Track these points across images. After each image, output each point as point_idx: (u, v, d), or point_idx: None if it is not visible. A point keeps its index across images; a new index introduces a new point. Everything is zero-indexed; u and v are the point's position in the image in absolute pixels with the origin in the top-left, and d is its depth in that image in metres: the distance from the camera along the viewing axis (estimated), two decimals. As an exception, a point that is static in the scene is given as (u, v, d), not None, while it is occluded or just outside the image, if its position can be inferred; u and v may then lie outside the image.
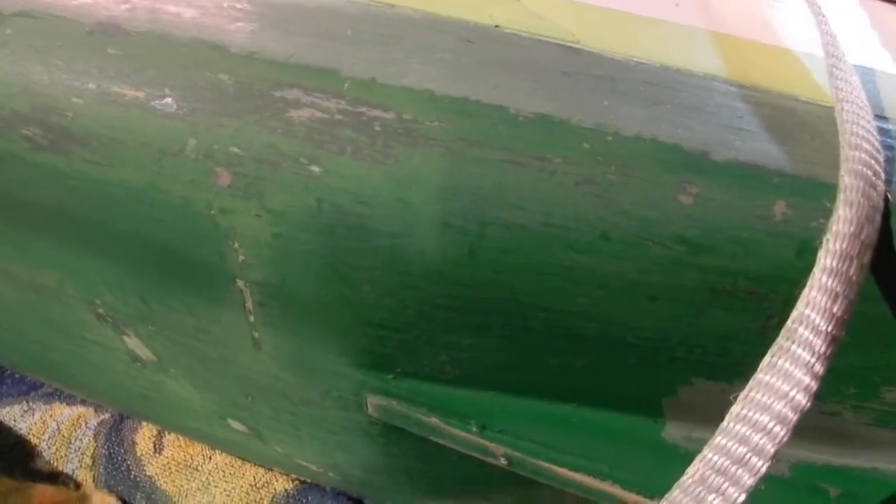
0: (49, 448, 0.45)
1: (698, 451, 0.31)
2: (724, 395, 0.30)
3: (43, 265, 0.38)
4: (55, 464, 0.45)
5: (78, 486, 0.44)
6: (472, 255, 0.30)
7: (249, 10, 0.33)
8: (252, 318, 0.34)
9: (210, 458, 0.43)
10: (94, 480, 0.45)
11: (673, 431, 0.33)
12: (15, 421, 0.46)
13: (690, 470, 0.24)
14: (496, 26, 0.33)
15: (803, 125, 0.30)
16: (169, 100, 0.31)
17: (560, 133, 0.29)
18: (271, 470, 0.43)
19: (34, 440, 0.45)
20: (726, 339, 0.31)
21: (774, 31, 0.35)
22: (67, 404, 0.46)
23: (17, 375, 0.48)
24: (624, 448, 0.33)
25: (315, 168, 0.30)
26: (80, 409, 0.46)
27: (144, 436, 0.45)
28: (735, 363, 0.31)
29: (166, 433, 0.45)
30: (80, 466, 0.45)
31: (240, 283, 0.33)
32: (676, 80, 0.31)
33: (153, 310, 0.36)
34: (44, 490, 0.43)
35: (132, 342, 0.38)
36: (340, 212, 0.30)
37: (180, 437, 0.45)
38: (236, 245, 0.32)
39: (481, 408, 0.34)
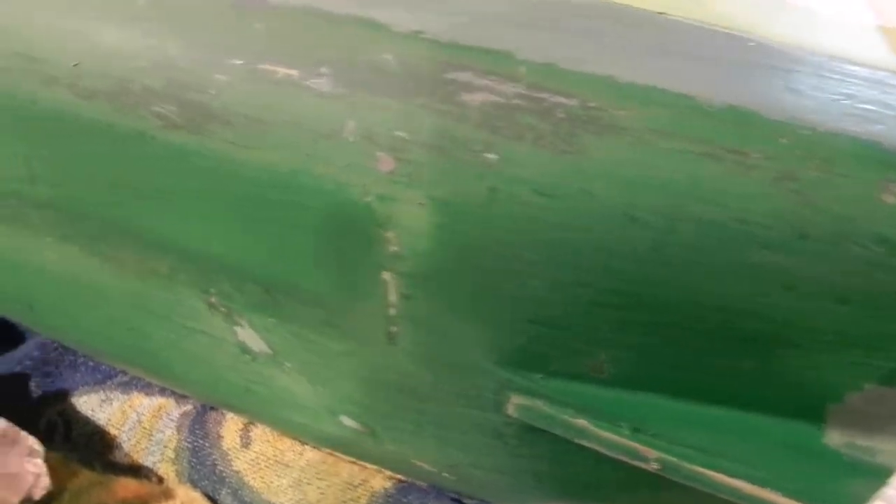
0: (129, 440, 0.43)
1: (862, 459, 0.30)
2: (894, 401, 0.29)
3: (155, 251, 0.35)
4: (135, 456, 0.43)
5: (160, 479, 0.42)
6: (656, 251, 0.28)
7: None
8: (392, 311, 0.32)
9: (301, 453, 0.42)
10: (176, 474, 0.42)
11: (835, 438, 0.32)
12: (93, 411, 0.43)
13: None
14: (660, 13, 0.31)
15: None
16: (325, 79, 0.30)
17: (756, 126, 0.28)
18: (366, 467, 0.41)
19: (113, 431, 0.43)
20: (912, 346, 0.29)
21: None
22: (146, 394, 0.44)
23: (90, 363, 0.45)
24: (782, 454, 0.32)
25: (491, 155, 0.28)
26: (160, 399, 0.44)
27: (230, 429, 0.43)
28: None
29: (253, 426, 0.43)
30: (162, 460, 0.42)
31: (385, 275, 0.31)
32: (858, 74, 0.30)
33: (277, 300, 0.34)
34: (127, 484, 0.41)
35: (245, 333, 0.36)
36: (516, 202, 0.28)
37: (267, 432, 0.42)
38: (390, 234, 0.30)
39: (635, 410, 0.32)
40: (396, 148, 0.29)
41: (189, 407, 0.43)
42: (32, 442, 0.40)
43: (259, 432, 0.42)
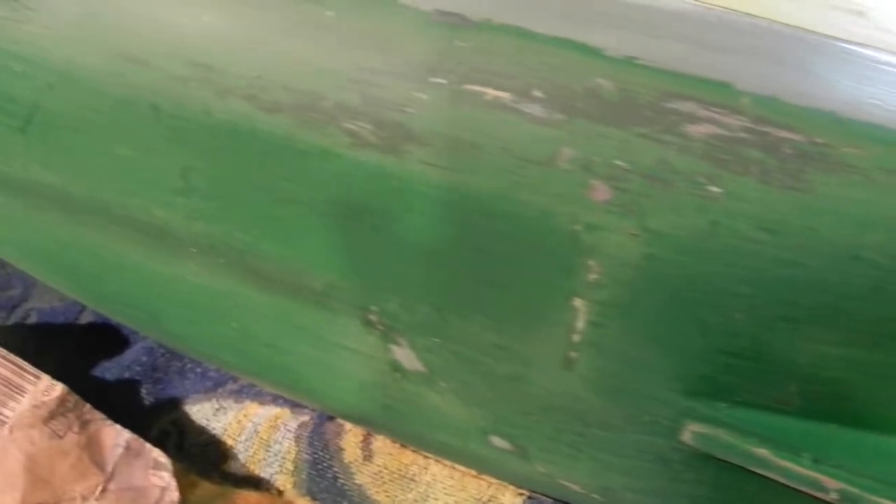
0: (246, 450, 0.42)
1: None
2: None
3: (314, 268, 0.35)
4: (252, 467, 0.42)
5: (279, 491, 0.41)
6: (877, 291, 0.28)
7: (613, 11, 0.30)
8: (576, 338, 0.31)
9: (426, 467, 0.41)
10: (294, 486, 0.42)
11: None
12: (207, 420, 0.42)
13: None
14: (865, 45, 0.30)
15: None
16: (538, 104, 0.29)
17: None
18: (491, 483, 0.41)
19: (229, 441, 0.42)
20: None
21: None
22: (260, 403, 0.43)
23: (198, 370, 0.44)
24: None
25: (714, 189, 0.28)
26: (275, 409, 0.43)
27: (350, 441, 0.42)
28: None
29: (373, 438, 0.42)
30: (281, 471, 0.42)
31: (577, 302, 0.31)
32: None
33: (446, 321, 0.33)
34: (248, 496, 0.40)
35: (401, 352, 0.35)
36: (736, 237, 0.28)
37: (388, 444, 0.42)
38: (591, 262, 0.30)
39: (817, 440, 0.32)
40: (614, 177, 0.28)
41: (306, 417, 0.42)
42: (157, 454, 0.39)
43: (380, 444, 0.42)
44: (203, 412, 0.43)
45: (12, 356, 0.39)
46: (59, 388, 0.39)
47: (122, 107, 0.34)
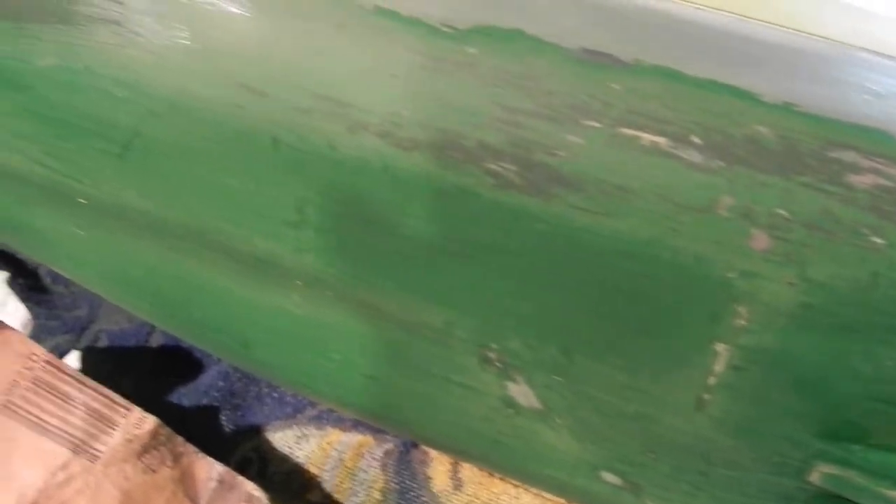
0: (331, 479, 0.41)
1: None
2: None
3: (433, 304, 0.34)
4: (338, 496, 0.41)
5: (367, 522, 0.41)
6: None
7: (769, 55, 0.29)
8: (712, 381, 0.31)
9: (517, 497, 0.41)
10: (381, 516, 0.41)
11: None
12: (290, 448, 0.41)
13: None
14: None
15: None
16: (697, 150, 0.28)
17: None
18: (584, 512, 0.41)
19: (314, 469, 0.41)
20: None
21: None
22: (341, 429, 0.42)
23: (275, 395, 0.43)
24: None
25: (878, 240, 0.28)
26: (358, 436, 0.42)
27: (438, 469, 0.41)
28: None
29: (461, 467, 0.41)
30: (367, 500, 0.41)
31: (719, 346, 0.30)
32: None
33: (573, 362, 0.33)
34: (338, 528, 0.39)
35: (518, 389, 0.34)
36: (896, 290, 0.28)
37: (477, 473, 0.41)
38: (742, 309, 0.29)
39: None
40: (775, 227, 0.28)
41: (390, 445, 0.42)
42: (251, 487, 0.38)
43: (469, 473, 0.41)
44: (285, 439, 0.42)
45: (102, 388, 0.37)
46: (150, 420, 0.38)
47: (236, 137, 0.33)
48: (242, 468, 0.42)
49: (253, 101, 0.32)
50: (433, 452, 0.42)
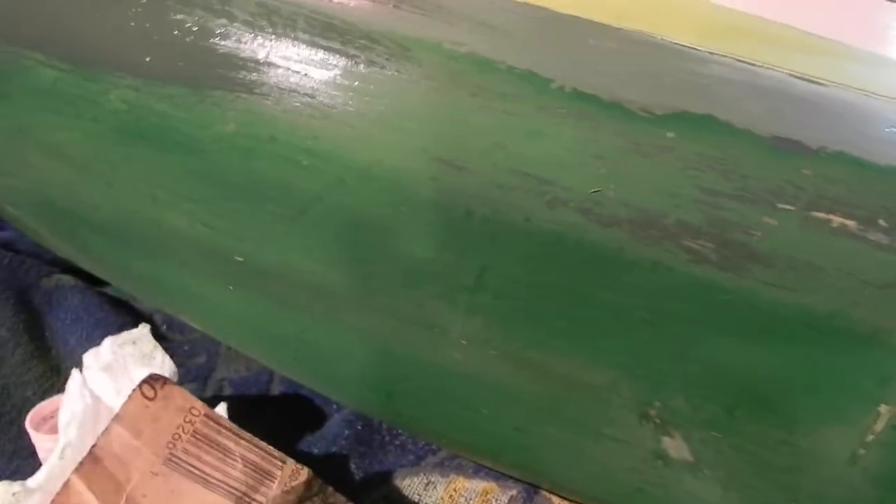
0: (461, 526, 0.43)
1: None
2: None
3: (604, 365, 0.36)
4: (466, 542, 0.43)
5: (496, 568, 0.43)
6: None
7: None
8: (870, 437, 0.34)
9: (637, 540, 0.43)
10: (506, 561, 0.43)
11: None
12: (419, 495, 0.43)
13: None
14: None
15: None
16: (882, 232, 0.31)
17: None
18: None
19: (444, 517, 0.43)
20: None
21: None
22: (465, 476, 0.44)
23: (397, 441, 0.45)
24: None
25: None
26: (483, 483, 0.44)
27: (560, 514, 0.44)
28: None
29: (583, 513, 0.44)
30: (494, 545, 0.43)
31: (883, 408, 0.33)
32: None
33: (734, 419, 0.36)
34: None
35: (672, 443, 0.37)
36: None
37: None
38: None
39: None
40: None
41: (514, 491, 0.44)
42: (398, 534, 0.40)
43: (591, 519, 0.44)
44: (413, 487, 0.44)
45: (257, 440, 0.39)
46: (304, 472, 0.39)
47: (428, 207, 0.35)
48: (372, 515, 0.43)
49: (450, 174, 0.34)
50: (556, 498, 0.44)
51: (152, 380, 0.36)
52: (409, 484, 0.43)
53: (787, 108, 0.33)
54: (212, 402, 0.41)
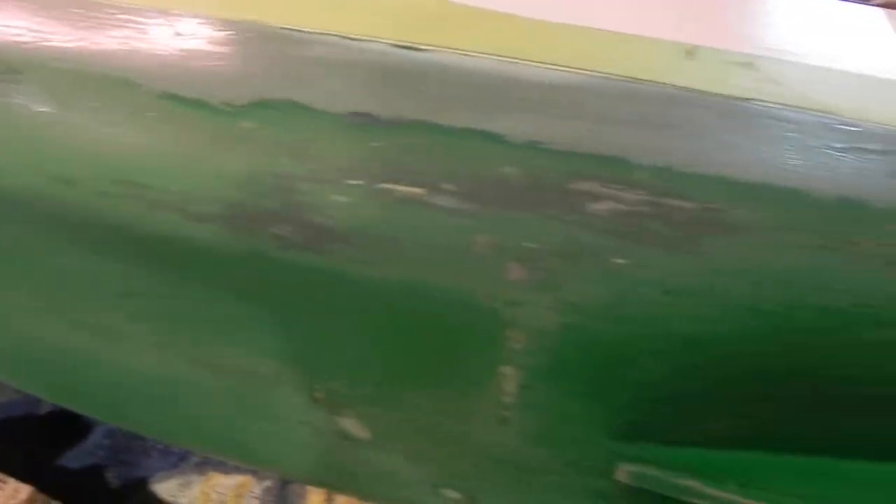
0: (214, 521, 0.44)
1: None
2: None
3: (260, 355, 0.37)
4: (221, 537, 0.44)
5: (251, 558, 0.43)
6: (777, 336, 0.31)
7: (511, 94, 0.32)
8: (507, 399, 0.34)
9: (387, 519, 0.43)
10: (264, 550, 0.44)
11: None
12: (174, 496, 0.44)
13: None
14: (745, 99, 0.33)
15: None
16: (451, 196, 0.31)
17: (865, 215, 0.30)
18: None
19: (196, 515, 0.44)
20: None
21: None
22: (223, 473, 0.45)
23: (160, 447, 0.46)
24: (886, 496, 0.35)
25: (620, 260, 0.30)
26: (239, 477, 0.45)
27: (313, 501, 0.44)
28: None
29: (335, 497, 0.44)
30: (249, 537, 0.44)
31: (505, 369, 0.33)
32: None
33: (387, 394, 0.36)
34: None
35: (347, 422, 0.37)
36: (643, 302, 0.31)
37: (352, 500, 0.44)
38: (514, 334, 0.32)
39: (743, 466, 0.35)
40: (527, 258, 0.31)
41: (269, 482, 0.45)
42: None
43: (343, 501, 0.44)
44: (169, 489, 0.45)
45: (-23, 464, 0.40)
46: (25, 490, 0.41)
47: (52, 221, 0.35)
48: (132, 520, 0.44)
49: (61, 189, 0.35)
50: (309, 486, 0.45)
51: None
52: (165, 487, 0.44)
53: (376, 82, 0.32)
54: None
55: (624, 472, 0.35)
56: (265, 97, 0.33)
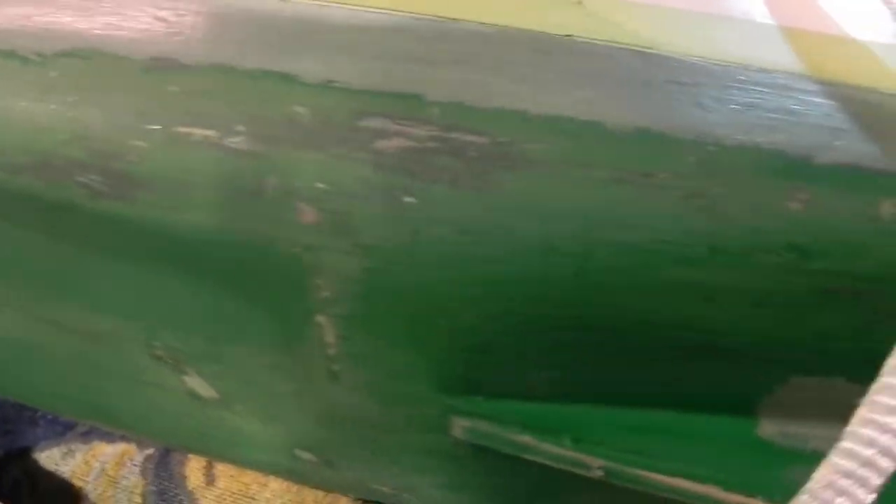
0: (95, 490, 0.44)
1: (793, 446, 0.32)
2: (818, 390, 0.31)
3: (97, 312, 0.36)
4: (103, 505, 0.43)
5: (130, 526, 0.43)
6: (578, 277, 0.29)
7: (312, 36, 0.31)
8: (331, 351, 0.33)
9: (265, 484, 0.43)
10: (145, 518, 0.43)
11: (768, 428, 0.34)
12: (56, 465, 0.44)
13: (817, 475, 0.24)
14: (568, 35, 0.32)
15: (893, 118, 0.30)
16: (242, 137, 0.30)
17: (663, 147, 0.29)
18: (331, 492, 0.42)
19: (79, 483, 0.44)
20: (828, 338, 0.31)
21: (843, 23, 0.34)
22: (108, 442, 0.45)
23: (48, 417, 0.46)
24: (720, 449, 0.34)
25: (410, 199, 0.29)
26: (122, 445, 0.45)
27: (193, 468, 0.44)
28: (834, 359, 0.31)
29: (216, 463, 0.43)
30: (129, 505, 0.43)
31: (320, 318, 0.32)
32: (761, 81, 0.31)
33: (220, 349, 0.35)
34: (98, 535, 0.42)
35: (193, 381, 0.37)
36: (439, 243, 0.29)
37: (230, 467, 0.43)
38: (320, 281, 0.31)
39: (575, 421, 0.33)
40: (317, 199, 0.30)
41: (151, 450, 0.44)
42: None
43: (222, 469, 0.43)
44: (52, 457, 0.45)
45: None
46: None
47: None
48: (16, 489, 0.44)
49: None
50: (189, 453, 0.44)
51: None
52: (48, 455, 0.44)
53: (168, 28, 0.32)
54: None
55: (458, 427, 0.34)
56: (72, 48, 0.32)
